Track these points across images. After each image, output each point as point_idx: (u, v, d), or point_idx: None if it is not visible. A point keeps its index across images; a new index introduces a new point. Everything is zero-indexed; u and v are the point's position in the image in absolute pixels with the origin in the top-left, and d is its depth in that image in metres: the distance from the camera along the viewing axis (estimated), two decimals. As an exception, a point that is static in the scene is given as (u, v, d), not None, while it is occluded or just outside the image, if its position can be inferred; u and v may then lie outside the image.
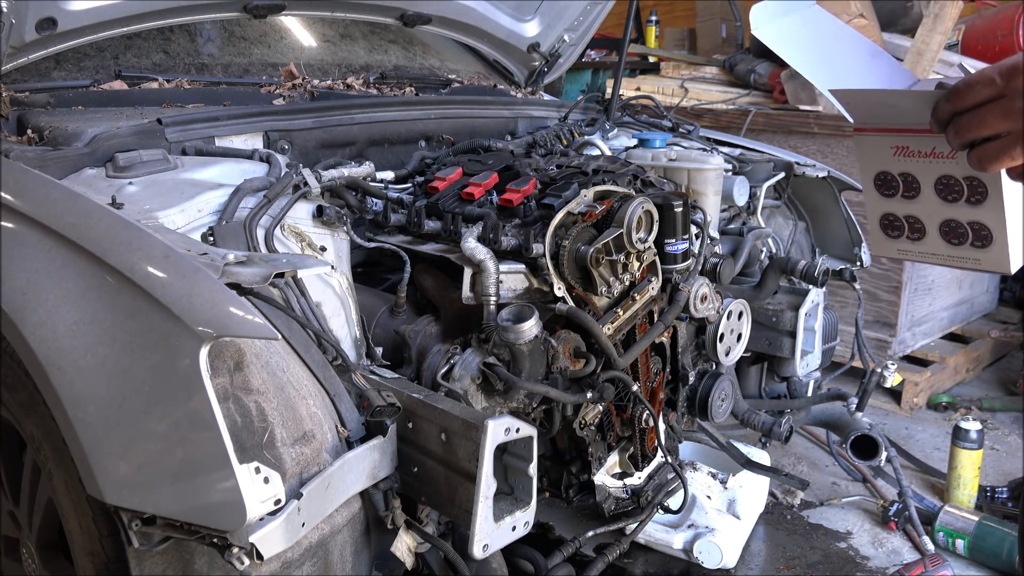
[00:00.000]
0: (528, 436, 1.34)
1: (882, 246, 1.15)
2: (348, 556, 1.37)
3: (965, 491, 2.69)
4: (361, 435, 1.37)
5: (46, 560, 1.57)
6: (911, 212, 1.09)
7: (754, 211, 2.39)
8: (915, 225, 1.10)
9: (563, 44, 2.88)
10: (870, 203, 1.12)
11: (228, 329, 1.12)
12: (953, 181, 1.04)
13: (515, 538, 1.37)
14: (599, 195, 1.73)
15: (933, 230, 1.08)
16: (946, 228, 1.07)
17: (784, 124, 3.76)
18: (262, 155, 1.77)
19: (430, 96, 2.50)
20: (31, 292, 1.23)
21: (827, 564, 2.44)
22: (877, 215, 1.13)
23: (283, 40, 2.50)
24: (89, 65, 2.09)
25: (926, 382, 3.50)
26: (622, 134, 2.58)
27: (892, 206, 1.11)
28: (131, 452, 1.15)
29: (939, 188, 1.05)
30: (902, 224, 1.11)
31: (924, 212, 1.08)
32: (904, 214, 1.10)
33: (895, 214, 1.11)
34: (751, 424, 2.27)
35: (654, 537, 2.34)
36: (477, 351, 1.59)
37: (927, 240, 1.10)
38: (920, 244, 1.11)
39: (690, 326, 1.99)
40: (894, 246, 1.14)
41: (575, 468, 1.84)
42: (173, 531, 1.17)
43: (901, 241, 1.13)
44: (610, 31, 5.15)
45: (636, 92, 4.22)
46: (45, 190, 1.36)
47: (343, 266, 1.62)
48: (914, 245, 1.11)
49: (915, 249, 1.12)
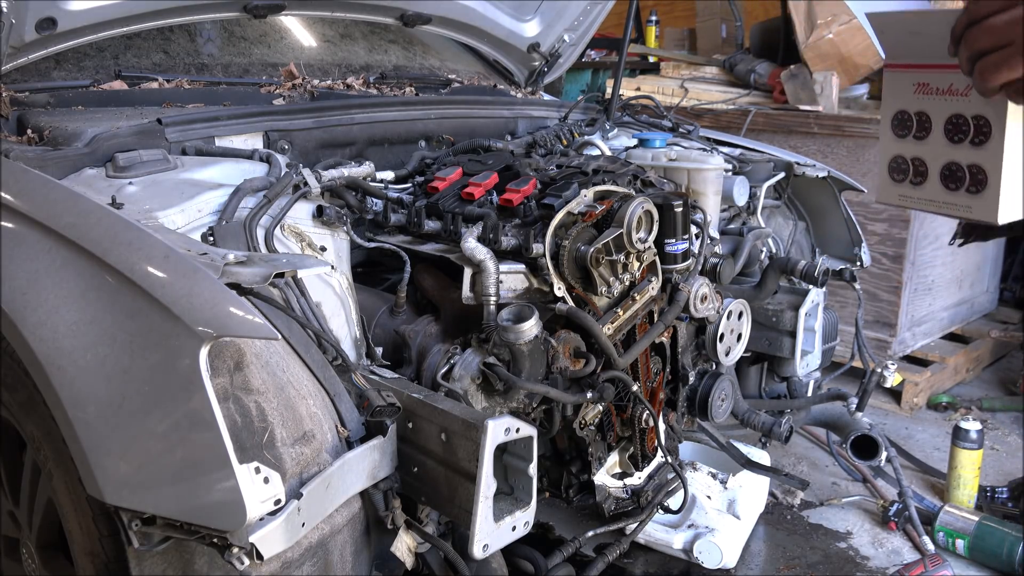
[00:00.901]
0: (528, 436, 1.34)
1: (886, 191, 1.26)
2: (348, 556, 1.37)
3: (965, 491, 2.69)
4: (361, 435, 1.37)
5: (46, 560, 1.57)
6: (918, 154, 1.20)
7: (754, 211, 2.39)
8: (919, 168, 1.20)
9: (563, 44, 2.88)
10: (883, 145, 1.23)
11: (228, 329, 1.12)
12: (962, 120, 1.13)
13: (515, 538, 1.37)
14: (599, 195, 1.73)
15: (935, 174, 1.19)
16: (946, 172, 1.17)
17: (784, 124, 3.76)
18: (262, 155, 1.77)
19: (430, 96, 2.50)
20: (31, 292, 1.23)
21: (827, 564, 2.44)
22: (887, 158, 1.24)
23: (283, 40, 2.50)
24: (89, 65, 2.09)
25: (926, 382, 3.50)
26: (622, 134, 2.58)
27: (903, 147, 1.21)
28: (131, 452, 1.15)
29: (948, 128, 1.15)
30: (908, 167, 1.21)
31: (930, 154, 1.18)
32: (912, 156, 1.20)
33: (903, 156, 1.21)
34: (751, 424, 2.27)
35: (654, 537, 2.34)
36: (477, 351, 1.59)
37: (927, 185, 1.20)
38: (920, 190, 1.21)
39: (690, 326, 1.99)
40: (896, 191, 1.24)
41: (575, 468, 1.84)
42: (173, 531, 1.17)
43: (904, 186, 1.23)
44: (610, 31, 5.15)
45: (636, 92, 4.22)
46: (45, 190, 1.36)
47: (343, 266, 1.62)
48: (915, 191, 1.22)
49: (915, 195, 1.22)
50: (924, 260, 3.57)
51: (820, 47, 3.68)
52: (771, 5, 4.62)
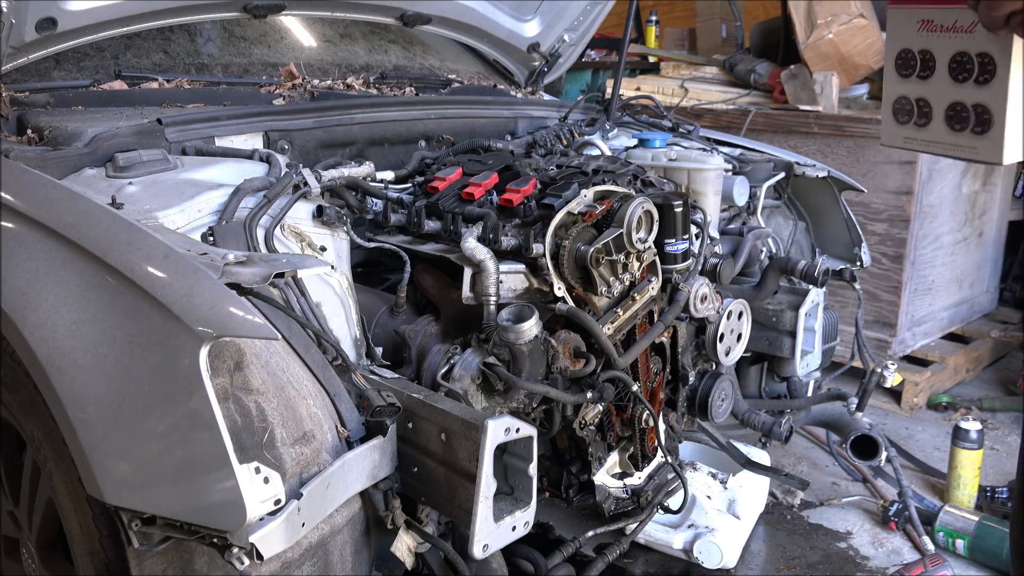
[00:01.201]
0: (528, 436, 1.34)
1: (891, 134, 1.24)
2: (348, 556, 1.37)
3: (965, 491, 2.69)
4: (361, 435, 1.37)
5: (46, 560, 1.57)
6: (922, 94, 1.18)
7: (754, 211, 2.39)
8: (923, 109, 1.19)
9: (563, 44, 2.88)
10: (887, 87, 1.22)
11: (228, 329, 1.12)
12: (967, 59, 1.11)
13: (515, 538, 1.37)
14: (599, 195, 1.73)
15: (939, 115, 1.17)
16: (951, 112, 1.15)
17: (784, 124, 3.76)
18: (262, 155, 1.77)
19: (430, 96, 2.50)
20: (31, 292, 1.23)
21: (827, 564, 2.44)
22: (891, 99, 1.22)
23: (283, 40, 2.50)
24: (89, 65, 2.09)
25: (926, 382, 3.50)
26: (622, 134, 2.58)
27: (906, 87, 1.20)
28: (131, 452, 1.15)
29: (952, 67, 1.13)
30: (912, 108, 1.20)
31: (934, 94, 1.17)
32: (916, 96, 1.19)
33: (907, 96, 1.20)
34: (751, 424, 2.27)
35: (654, 537, 2.34)
36: (477, 351, 1.59)
37: (932, 127, 1.18)
38: (925, 131, 1.19)
39: (690, 326, 1.99)
40: (901, 133, 1.22)
41: (575, 468, 1.84)
42: (173, 531, 1.17)
43: (908, 128, 1.22)
44: (610, 31, 5.15)
45: (636, 92, 4.22)
46: (45, 190, 1.36)
47: (343, 266, 1.62)
48: (919, 132, 1.20)
49: (919, 137, 1.21)
50: (924, 260, 3.57)
51: (820, 47, 3.68)
52: (771, 5, 4.62)
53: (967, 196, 3.71)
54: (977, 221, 3.86)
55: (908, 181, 3.40)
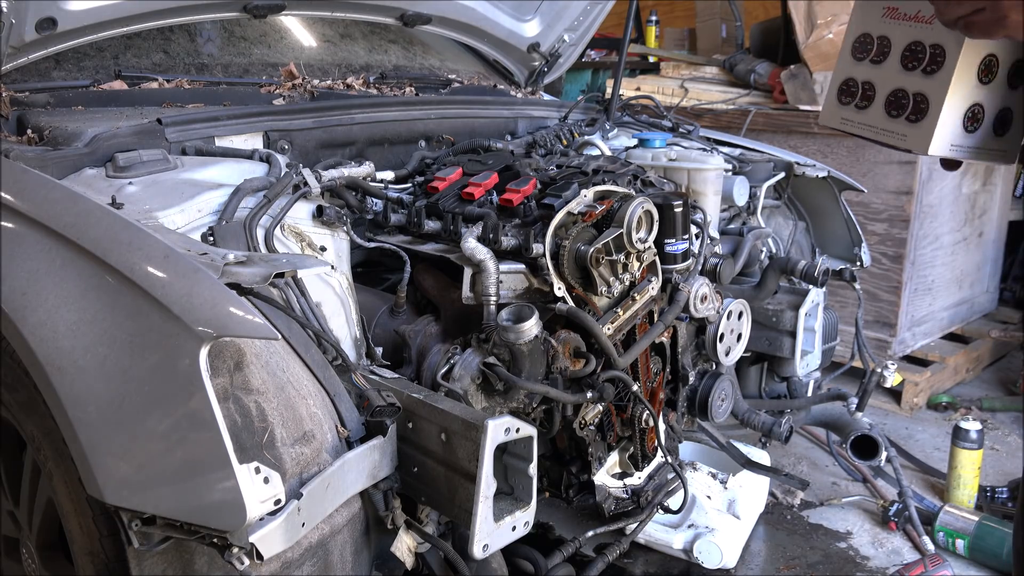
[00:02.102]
0: (528, 436, 1.34)
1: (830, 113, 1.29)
2: (348, 556, 1.37)
3: (965, 491, 2.69)
4: (361, 435, 1.37)
5: (46, 560, 1.57)
6: (869, 78, 1.23)
7: (754, 211, 2.39)
8: (867, 92, 1.23)
9: (563, 44, 2.88)
10: (839, 67, 1.26)
11: (228, 329, 1.12)
12: (920, 48, 1.16)
13: (515, 538, 1.37)
14: (599, 195, 1.73)
15: (880, 99, 1.22)
16: (892, 98, 1.20)
17: (784, 124, 3.76)
18: (262, 155, 1.77)
19: (430, 96, 2.50)
20: (31, 292, 1.23)
21: (827, 564, 2.44)
22: (839, 80, 1.27)
23: (283, 40, 2.50)
24: (89, 65, 2.09)
25: (926, 382, 3.50)
26: (622, 134, 2.58)
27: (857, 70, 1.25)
28: (131, 452, 1.15)
29: (905, 55, 1.18)
30: (857, 90, 1.24)
31: (881, 79, 1.22)
32: (863, 79, 1.24)
33: (855, 79, 1.25)
34: (751, 424, 2.27)
35: (654, 537, 2.34)
36: (477, 351, 1.59)
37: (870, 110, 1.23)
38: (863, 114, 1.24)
39: (690, 326, 1.99)
40: (840, 114, 1.27)
41: (575, 468, 1.84)
42: (173, 531, 1.17)
43: (848, 109, 1.26)
44: (610, 31, 5.15)
45: (636, 92, 4.22)
46: (45, 190, 1.36)
47: (343, 266, 1.62)
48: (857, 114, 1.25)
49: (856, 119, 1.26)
50: (924, 260, 3.57)
51: (820, 47, 3.68)
52: (771, 5, 4.62)
53: (967, 196, 3.71)
54: (977, 221, 3.86)
55: (908, 181, 3.40)
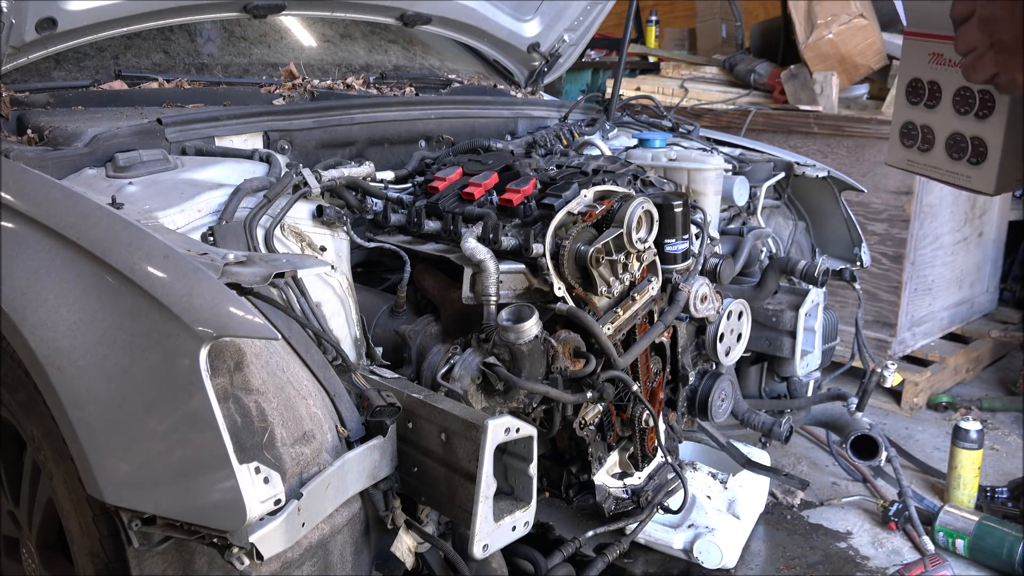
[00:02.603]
0: (528, 436, 1.34)
1: (896, 155, 1.31)
2: (348, 556, 1.37)
3: (965, 491, 2.69)
4: (361, 435, 1.37)
5: (46, 560, 1.57)
6: (927, 122, 1.25)
7: (754, 211, 2.39)
8: (927, 136, 1.26)
9: (563, 44, 2.88)
10: (897, 110, 1.29)
11: (228, 329, 1.12)
12: (969, 93, 1.18)
13: (515, 538, 1.37)
14: (599, 195, 1.73)
15: (941, 143, 1.24)
16: (951, 141, 1.22)
17: (784, 124, 3.76)
18: (262, 155, 1.77)
19: (430, 96, 2.50)
20: (31, 292, 1.23)
21: (827, 564, 2.44)
22: (899, 123, 1.29)
23: (283, 40, 2.50)
24: (89, 65, 2.09)
25: (926, 382, 3.50)
26: (622, 134, 2.58)
27: (913, 114, 1.27)
28: (131, 452, 1.15)
29: (956, 100, 1.20)
30: (917, 133, 1.27)
31: (938, 123, 1.24)
32: (921, 123, 1.26)
33: (914, 122, 1.27)
34: (751, 424, 2.27)
35: (654, 537, 2.34)
36: (477, 351, 1.59)
37: (933, 153, 1.25)
38: (926, 156, 1.27)
39: (690, 326, 1.99)
40: (905, 156, 1.30)
41: (575, 468, 1.84)
42: (173, 531, 1.17)
43: (912, 151, 1.29)
44: (610, 31, 5.16)
45: (636, 92, 4.22)
46: (45, 190, 1.36)
47: (343, 266, 1.62)
48: (921, 156, 1.27)
49: (921, 161, 1.28)
50: (924, 260, 3.57)
51: (820, 47, 3.69)
52: (771, 5, 4.62)
53: (967, 196, 3.71)
54: (977, 221, 3.86)
55: (908, 181, 3.39)
